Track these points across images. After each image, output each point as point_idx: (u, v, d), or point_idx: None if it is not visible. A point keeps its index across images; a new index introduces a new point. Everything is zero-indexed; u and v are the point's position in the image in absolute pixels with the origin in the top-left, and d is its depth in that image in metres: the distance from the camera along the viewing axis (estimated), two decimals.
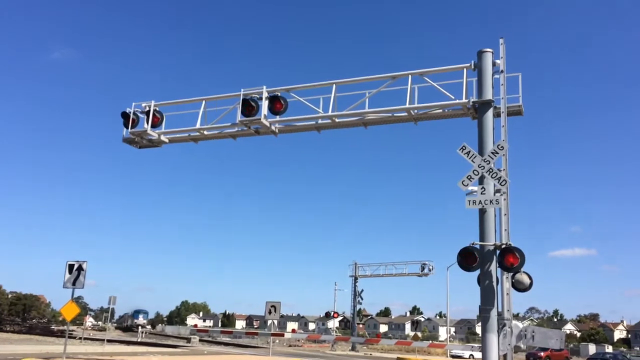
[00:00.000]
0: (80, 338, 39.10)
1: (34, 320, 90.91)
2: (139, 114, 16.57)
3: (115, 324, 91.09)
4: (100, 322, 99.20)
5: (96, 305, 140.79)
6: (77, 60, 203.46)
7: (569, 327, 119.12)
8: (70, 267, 18.70)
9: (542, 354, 53.67)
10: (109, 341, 36.38)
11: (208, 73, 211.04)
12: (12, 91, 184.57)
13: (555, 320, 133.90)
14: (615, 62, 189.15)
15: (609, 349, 76.95)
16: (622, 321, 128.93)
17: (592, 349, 74.76)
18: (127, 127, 16.60)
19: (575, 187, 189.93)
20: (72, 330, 54.14)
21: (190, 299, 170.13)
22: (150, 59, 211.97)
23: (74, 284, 18.55)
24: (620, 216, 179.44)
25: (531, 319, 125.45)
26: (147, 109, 16.48)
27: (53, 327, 68.66)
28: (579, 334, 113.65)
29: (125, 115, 16.56)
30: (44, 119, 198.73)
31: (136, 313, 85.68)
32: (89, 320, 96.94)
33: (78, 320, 70.38)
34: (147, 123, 16.40)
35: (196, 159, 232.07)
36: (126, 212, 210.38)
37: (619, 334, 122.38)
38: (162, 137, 16.85)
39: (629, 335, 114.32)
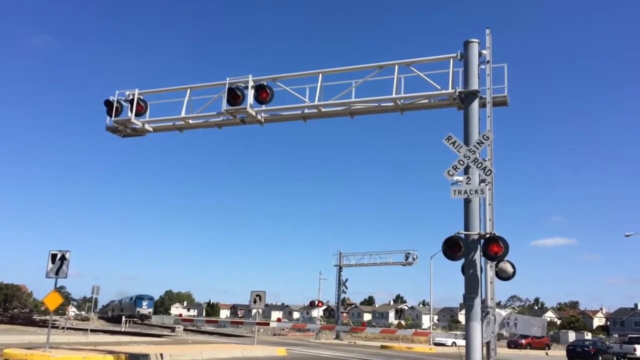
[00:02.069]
0: (63, 328, 38.80)
1: (15, 310, 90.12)
2: (123, 103, 16.35)
3: (99, 314, 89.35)
4: (83, 312, 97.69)
5: (79, 294, 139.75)
6: (58, 47, 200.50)
7: (549, 315, 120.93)
8: (53, 256, 18.48)
9: (523, 341, 54.52)
10: (93, 331, 36.17)
11: (193, 62, 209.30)
12: None
13: (536, 308, 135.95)
14: (600, 54, 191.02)
15: (589, 336, 78.39)
16: (601, 309, 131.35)
17: (571, 336, 76.04)
18: (110, 116, 16.38)
19: (557, 177, 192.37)
20: (55, 320, 53.64)
21: (174, 288, 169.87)
22: (134, 47, 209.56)
23: (57, 273, 18.35)
24: (600, 206, 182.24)
25: (513, 307, 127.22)
26: (131, 97, 16.27)
27: (35, 317, 67.99)
28: (559, 322, 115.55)
29: (108, 104, 16.33)
30: (25, 107, 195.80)
31: (139, 300, 68.68)
32: (72, 310, 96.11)
33: (61, 310, 69.72)
34: (131, 111, 16.18)
35: (180, 148, 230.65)
36: (109, 200, 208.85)
37: (598, 321, 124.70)
38: (147, 126, 16.67)
39: (608, 323, 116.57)
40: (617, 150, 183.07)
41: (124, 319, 54.11)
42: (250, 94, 14.94)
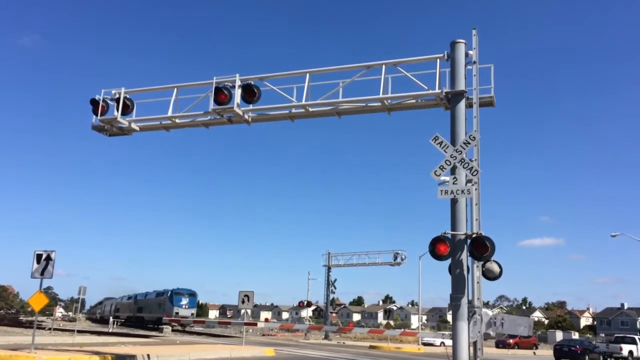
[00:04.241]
0: (49, 329, 38.51)
1: (1, 311, 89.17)
2: (109, 101, 16.21)
3: (87, 315, 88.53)
4: (70, 313, 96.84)
5: (66, 295, 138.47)
6: (45, 46, 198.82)
7: (537, 315, 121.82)
8: (39, 256, 18.31)
9: (511, 340, 54.81)
10: (79, 332, 35.88)
11: (180, 62, 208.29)
12: None
13: (524, 308, 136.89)
14: (589, 55, 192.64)
15: (576, 335, 78.98)
16: (588, 308, 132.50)
17: (559, 335, 76.63)
18: (96, 115, 16.24)
19: (544, 177, 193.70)
20: (42, 321, 53.24)
21: (162, 288, 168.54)
22: (120, 46, 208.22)
23: (42, 274, 18.19)
24: (587, 206, 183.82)
25: (501, 307, 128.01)
26: (117, 96, 16.13)
27: (22, 318, 67.26)
28: (546, 321, 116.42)
29: (94, 103, 16.19)
30: (11, 106, 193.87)
31: (176, 296, 50.98)
32: (59, 311, 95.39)
33: (47, 311, 69.13)
34: (117, 110, 16.06)
35: (168, 148, 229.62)
36: (96, 200, 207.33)
37: (585, 321, 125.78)
38: (133, 125, 16.55)
39: (595, 322, 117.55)
40: (605, 151, 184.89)
41: (111, 319, 52.77)
42: (238, 93, 14.87)
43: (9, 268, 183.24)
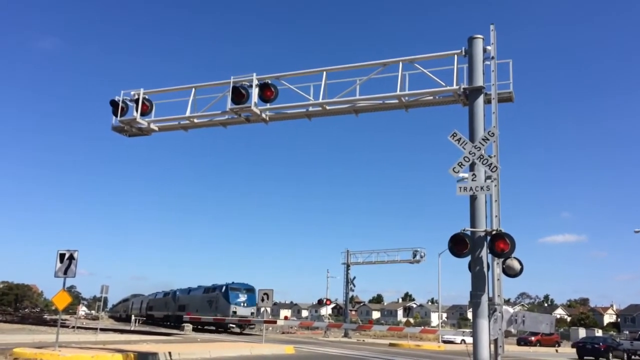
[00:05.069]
0: (73, 327, 39.07)
1: (26, 310, 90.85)
2: (128, 102, 16.42)
3: (109, 313, 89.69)
4: (93, 311, 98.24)
5: (89, 294, 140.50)
6: (64, 49, 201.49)
7: (559, 312, 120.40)
8: (62, 256, 18.58)
9: (532, 338, 54.32)
10: (102, 330, 36.37)
11: (198, 61, 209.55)
12: None
13: (546, 305, 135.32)
14: (605, 46, 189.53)
15: (599, 333, 77.88)
16: (611, 306, 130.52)
17: (582, 333, 75.64)
18: (116, 116, 16.47)
19: (565, 173, 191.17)
20: (65, 320, 54.05)
21: (183, 287, 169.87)
22: (139, 49, 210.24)
23: (65, 273, 18.45)
24: (609, 202, 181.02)
25: (522, 305, 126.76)
26: (136, 97, 16.32)
27: (46, 317, 68.48)
28: (569, 319, 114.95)
29: (114, 104, 16.41)
30: (33, 107, 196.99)
31: (232, 292, 44.25)
32: (82, 310, 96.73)
33: (71, 310, 70.19)
34: (137, 111, 16.24)
35: (187, 148, 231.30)
36: (117, 200, 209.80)
37: (608, 318, 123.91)
38: (152, 126, 16.74)
39: (619, 320, 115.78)
40: (626, 147, 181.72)
41: (133, 317, 53.21)
42: (255, 92, 14.93)
43: (33, 267, 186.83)
